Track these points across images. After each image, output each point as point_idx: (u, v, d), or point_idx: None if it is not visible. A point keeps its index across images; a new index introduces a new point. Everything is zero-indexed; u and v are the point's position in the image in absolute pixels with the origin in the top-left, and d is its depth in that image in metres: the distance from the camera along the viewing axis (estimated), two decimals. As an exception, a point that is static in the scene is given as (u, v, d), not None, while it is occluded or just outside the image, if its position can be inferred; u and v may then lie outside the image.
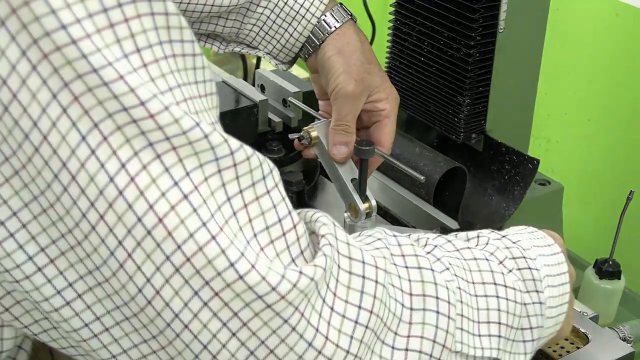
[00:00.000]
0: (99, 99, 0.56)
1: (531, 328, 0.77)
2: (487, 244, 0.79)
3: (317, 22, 1.06)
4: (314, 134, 1.07)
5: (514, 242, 0.80)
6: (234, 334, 0.61)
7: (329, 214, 0.69)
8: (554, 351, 0.96)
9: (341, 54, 1.05)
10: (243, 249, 0.59)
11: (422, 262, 0.71)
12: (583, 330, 0.98)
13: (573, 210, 1.54)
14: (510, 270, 0.77)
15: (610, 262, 1.22)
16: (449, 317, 0.70)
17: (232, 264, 0.59)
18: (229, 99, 1.28)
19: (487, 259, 0.76)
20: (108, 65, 0.56)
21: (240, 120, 1.25)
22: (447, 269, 0.72)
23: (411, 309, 0.69)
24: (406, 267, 0.70)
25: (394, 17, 1.28)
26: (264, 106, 1.28)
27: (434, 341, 0.69)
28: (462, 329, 0.71)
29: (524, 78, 1.26)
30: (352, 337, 0.64)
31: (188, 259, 0.58)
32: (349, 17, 1.07)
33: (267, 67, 1.68)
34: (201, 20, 1.10)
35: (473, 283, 0.74)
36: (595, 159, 1.77)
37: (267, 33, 1.09)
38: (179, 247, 0.58)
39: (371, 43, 1.90)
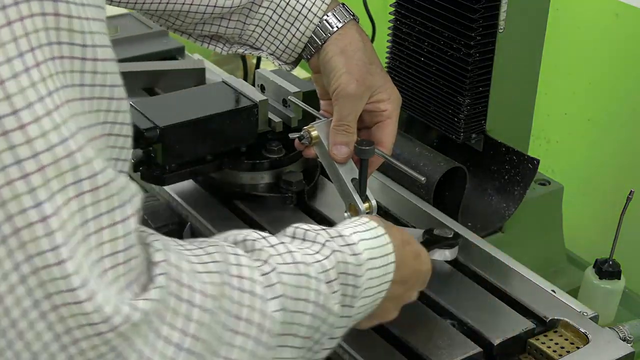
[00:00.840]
0: None
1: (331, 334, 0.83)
2: (327, 257, 0.82)
3: (319, 22, 1.06)
4: (314, 133, 1.07)
5: (353, 254, 0.84)
6: (65, 348, 0.63)
7: (329, 214, 0.69)
8: (554, 351, 0.96)
9: (343, 54, 1.05)
10: (87, 277, 0.62)
11: (256, 288, 0.74)
12: (583, 330, 0.98)
13: (573, 210, 1.54)
14: (334, 292, 0.81)
15: (610, 262, 1.22)
16: (261, 344, 0.74)
17: (73, 289, 0.61)
18: (229, 99, 1.28)
19: (317, 279, 0.79)
20: None
21: (240, 120, 1.25)
22: (277, 297, 0.76)
23: (236, 332, 0.73)
24: (240, 289, 0.73)
25: (394, 17, 1.29)
26: (264, 106, 1.27)
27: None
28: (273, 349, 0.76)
29: (524, 78, 1.26)
30: None
31: (35, 272, 0.61)
32: (351, 17, 1.07)
33: (267, 67, 1.68)
34: (204, 22, 1.10)
35: (297, 299, 0.78)
36: (595, 159, 1.77)
37: (269, 34, 1.09)
38: (29, 258, 0.60)
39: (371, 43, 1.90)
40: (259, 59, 1.75)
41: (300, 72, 2.18)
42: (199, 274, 0.72)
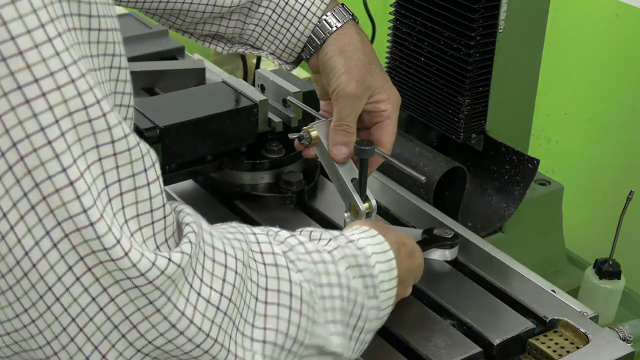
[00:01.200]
0: None
1: (363, 321, 0.84)
2: (336, 248, 0.83)
3: (318, 21, 1.06)
4: (314, 133, 1.07)
5: (359, 249, 0.85)
6: (101, 309, 0.65)
7: (329, 214, 0.70)
8: (554, 351, 0.96)
9: (342, 54, 1.05)
10: (119, 235, 0.64)
11: (279, 260, 0.76)
12: (583, 330, 0.98)
13: (573, 210, 1.54)
14: (354, 277, 0.82)
15: (610, 262, 1.22)
16: (300, 313, 0.75)
17: (106, 249, 0.63)
18: (229, 99, 1.28)
19: (334, 263, 0.81)
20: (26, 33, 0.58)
21: (240, 120, 1.25)
22: (301, 271, 0.77)
23: (266, 302, 0.74)
24: (264, 263, 0.75)
25: (394, 17, 1.28)
26: (264, 106, 1.27)
27: (287, 334, 0.74)
28: (306, 331, 0.76)
29: (524, 78, 1.26)
30: (212, 322, 0.69)
31: (66, 236, 0.62)
32: (350, 17, 1.07)
33: (267, 67, 1.68)
34: (204, 21, 1.10)
35: (321, 285, 0.79)
36: (595, 159, 1.77)
37: (269, 33, 1.09)
38: (59, 224, 0.62)
39: (371, 43, 1.90)
40: (259, 59, 1.75)
41: (300, 72, 2.18)
42: (228, 240, 0.73)
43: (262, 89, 1.34)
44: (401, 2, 1.26)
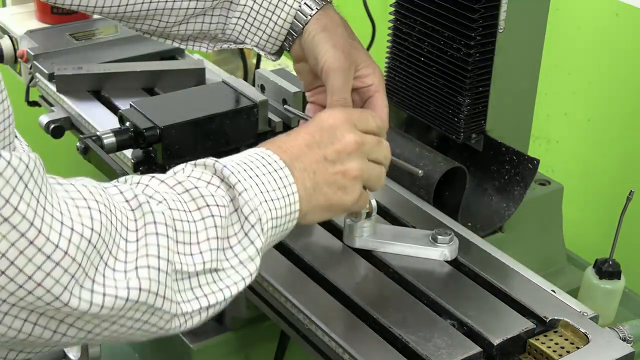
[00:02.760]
0: None
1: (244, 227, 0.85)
2: (198, 178, 0.85)
3: (299, 7, 1.08)
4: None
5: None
6: None
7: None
8: (554, 351, 0.96)
9: (325, 30, 1.06)
10: None
11: (141, 199, 0.79)
12: (583, 330, 0.98)
13: (573, 210, 1.54)
14: (218, 187, 0.84)
15: (610, 262, 1.22)
16: (167, 237, 0.78)
17: None
18: (229, 99, 1.28)
19: (196, 187, 0.83)
20: None
21: (240, 120, 1.25)
22: (161, 202, 0.80)
23: (136, 230, 0.77)
24: (132, 210, 0.78)
25: (394, 17, 1.29)
26: (264, 106, 1.28)
27: (159, 256, 0.76)
28: (178, 252, 0.79)
29: (524, 78, 1.26)
30: (78, 248, 0.71)
31: None
32: (326, 2, 1.08)
33: (267, 67, 1.68)
34: (187, 21, 1.11)
35: (190, 211, 0.81)
36: (595, 159, 1.77)
37: (252, 25, 1.10)
38: None
39: (371, 43, 1.90)
40: (258, 59, 1.76)
41: (300, 72, 2.18)
42: (85, 186, 0.77)
43: (262, 89, 1.35)
44: (401, 2, 1.26)
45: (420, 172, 1.06)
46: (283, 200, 0.88)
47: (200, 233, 0.81)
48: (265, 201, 0.86)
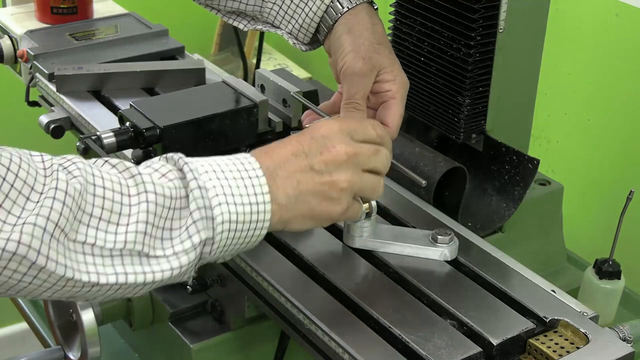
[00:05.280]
0: None
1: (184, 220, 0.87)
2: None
3: (331, 2, 1.08)
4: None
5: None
6: None
7: None
8: (554, 351, 0.96)
9: (350, 33, 1.07)
10: None
11: (54, 168, 0.82)
12: (583, 330, 0.98)
13: (573, 210, 1.54)
14: (171, 180, 0.87)
15: (610, 262, 1.22)
16: (64, 204, 0.80)
17: None
18: (229, 99, 1.28)
19: (140, 174, 0.87)
20: None
21: (240, 120, 1.25)
22: (77, 177, 0.83)
23: (41, 193, 0.80)
24: (45, 175, 0.81)
25: (394, 17, 1.29)
26: (264, 106, 1.28)
27: (48, 218, 0.79)
28: (97, 228, 0.83)
29: (524, 78, 1.26)
30: None
31: None
32: (363, 1, 1.09)
33: (267, 67, 1.68)
34: None
35: (128, 195, 0.85)
36: (595, 159, 1.77)
37: (286, 12, 1.12)
38: None
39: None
40: (259, 59, 1.76)
41: (300, 72, 2.18)
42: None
43: (262, 89, 1.35)
44: (401, 2, 1.26)
45: (423, 182, 1.06)
46: (250, 207, 0.88)
47: (132, 216, 0.84)
48: (227, 203, 0.87)
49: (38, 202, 0.79)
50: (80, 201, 0.82)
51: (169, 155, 0.91)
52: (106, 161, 0.88)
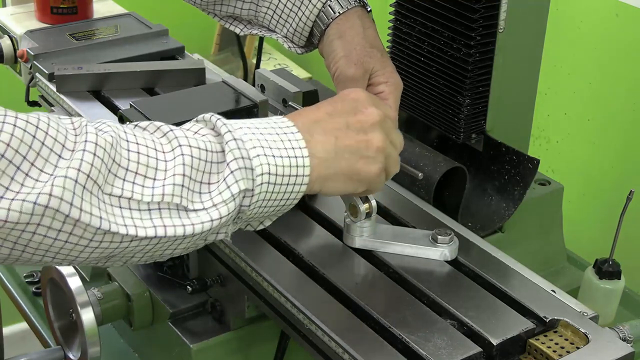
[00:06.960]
0: None
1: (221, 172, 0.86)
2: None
3: (323, 7, 1.09)
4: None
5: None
6: None
7: (330, 214, 0.69)
8: (554, 351, 0.96)
9: (342, 38, 1.07)
10: None
11: (84, 124, 0.82)
12: (583, 330, 0.98)
13: (573, 210, 1.54)
14: (204, 135, 0.86)
15: (610, 262, 1.22)
16: (95, 155, 0.79)
17: None
18: (229, 99, 1.28)
19: (172, 130, 0.86)
20: None
21: (240, 120, 1.25)
22: (108, 132, 0.82)
23: (72, 150, 0.79)
24: (75, 134, 0.80)
25: (394, 17, 1.29)
26: (264, 106, 1.27)
27: (79, 170, 0.78)
28: (133, 183, 0.82)
29: (524, 78, 1.26)
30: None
31: None
32: (356, 5, 1.09)
33: (267, 67, 1.68)
34: (221, 2, 1.15)
35: (163, 152, 0.84)
36: (595, 159, 1.77)
37: (280, 16, 1.12)
38: None
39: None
40: (259, 59, 1.76)
41: (300, 72, 2.18)
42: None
43: (262, 89, 1.35)
44: (401, 2, 1.26)
45: (420, 174, 1.06)
46: (289, 160, 0.87)
47: (168, 171, 0.83)
48: (266, 155, 0.86)
49: (70, 159, 0.78)
50: (114, 154, 0.81)
51: (200, 116, 0.89)
52: (136, 125, 0.87)
